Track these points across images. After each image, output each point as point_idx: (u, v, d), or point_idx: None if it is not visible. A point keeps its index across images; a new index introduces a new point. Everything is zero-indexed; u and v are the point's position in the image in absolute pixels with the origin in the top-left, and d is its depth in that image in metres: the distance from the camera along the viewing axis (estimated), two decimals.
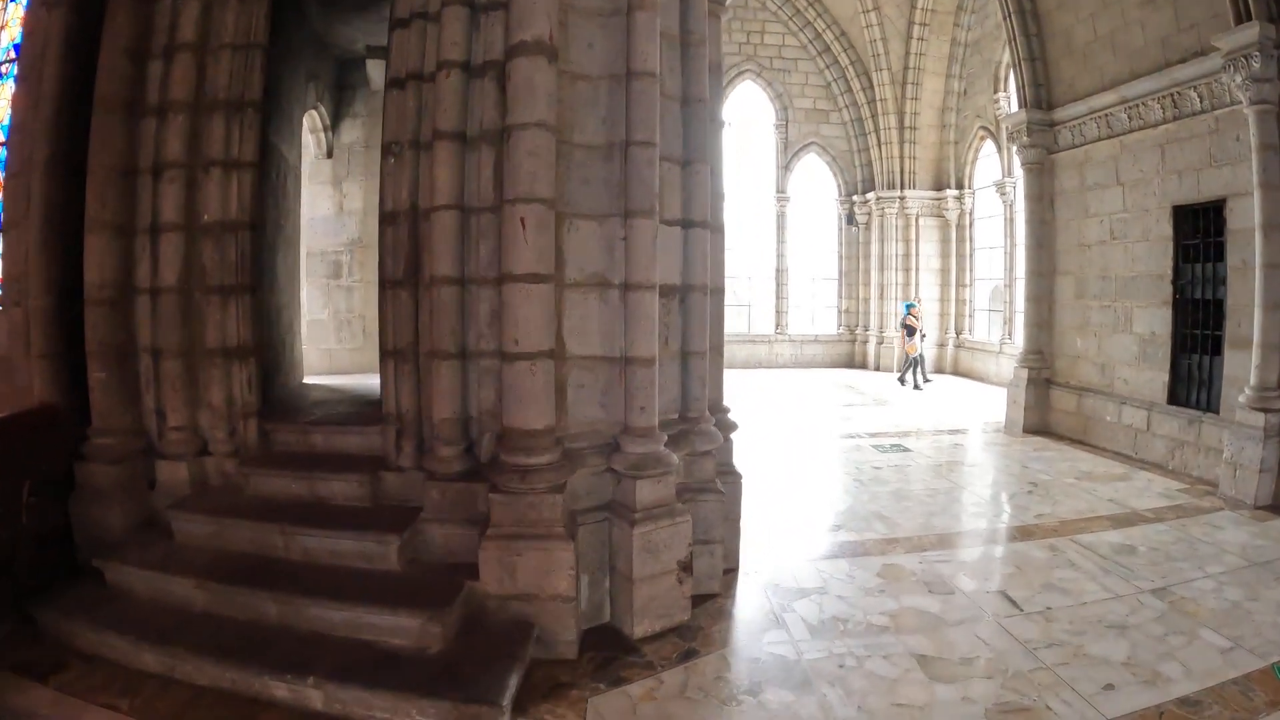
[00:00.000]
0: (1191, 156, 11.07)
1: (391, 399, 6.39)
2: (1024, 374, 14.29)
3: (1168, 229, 11.54)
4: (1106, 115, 12.56)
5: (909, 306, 21.62)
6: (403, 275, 6.21)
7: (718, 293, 7.12)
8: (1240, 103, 9.78)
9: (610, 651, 5.62)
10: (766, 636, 5.91)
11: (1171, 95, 11.20)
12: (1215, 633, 5.93)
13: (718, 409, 7.22)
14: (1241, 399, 9.77)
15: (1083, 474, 11.01)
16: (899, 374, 21.57)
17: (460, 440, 6.08)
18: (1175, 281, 11.48)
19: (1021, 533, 8.44)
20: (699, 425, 6.63)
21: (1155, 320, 11.83)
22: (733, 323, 26.01)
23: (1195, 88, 10.76)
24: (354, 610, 5.37)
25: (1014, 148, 14.93)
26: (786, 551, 7.79)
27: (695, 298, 6.58)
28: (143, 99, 6.92)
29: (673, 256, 6.43)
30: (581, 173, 5.91)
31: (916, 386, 20.39)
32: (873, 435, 13.89)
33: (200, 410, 7.06)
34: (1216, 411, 10.71)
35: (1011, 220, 21.21)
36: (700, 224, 6.56)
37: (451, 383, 5.98)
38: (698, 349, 6.61)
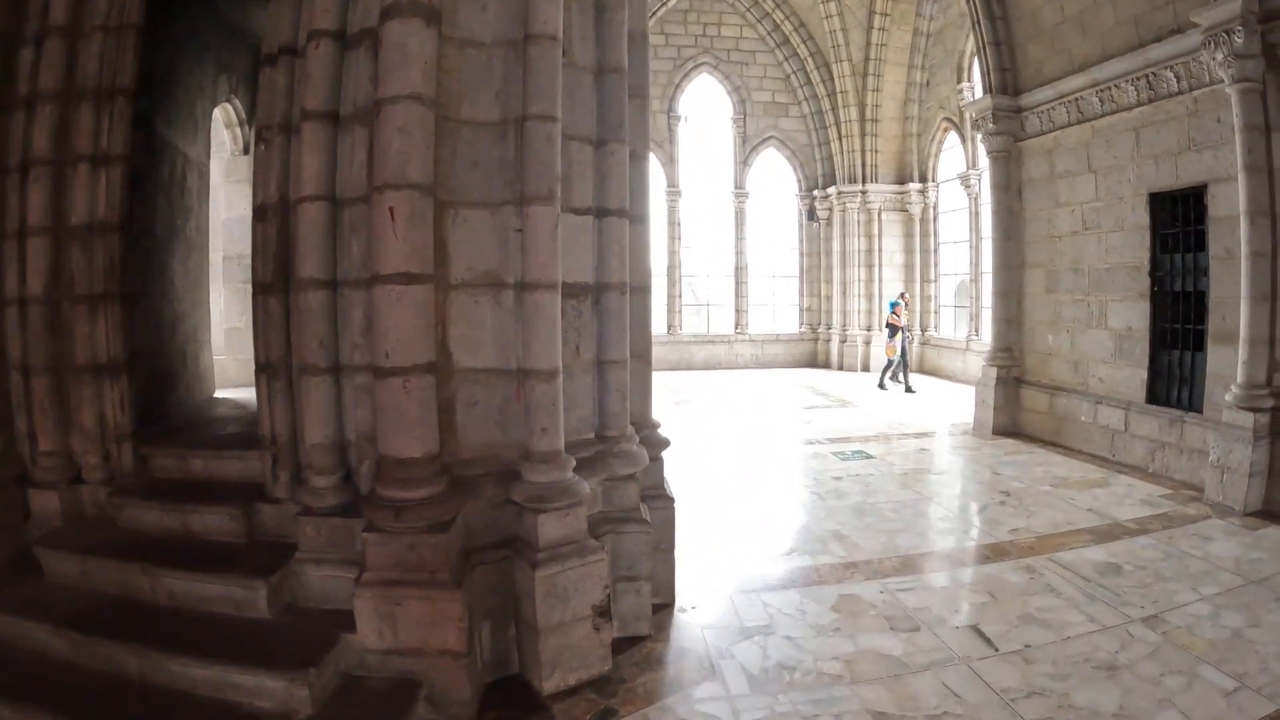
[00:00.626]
0: (1169, 140, 10.39)
1: (266, 420, 5.50)
2: (993, 373, 13.55)
3: (1144, 217, 10.85)
4: (1077, 99, 11.86)
5: (893, 304, 20.37)
6: (272, 278, 5.31)
7: (642, 292, 6.25)
8: (1221, 81, 9.10)
9: (514, 711, 4.74)
10: (699, 691, 5.00)
11: (1146, 76, 10.52)
12: (1216, 669, 5.14)
13: (645, 424, 6.36)
14: (1228, 398, 9.07)
15: (1058, 480, 10.25)
16: (881, 378, 20.46)
17: (336, 468, 5.17)
18: (1153, 273, 10.79)
19: (995, 552, 7.60)
20: (619, 445, 5.76)
21: (1132, 314, 11.12)
22: (691, 323, 25.61)
23: (1172, 67, 10.09)
24: (214, 668, 4.47)
25: (979, 136, 14.21)
26: (730, 581, 6.87)
27: (612, 298, 5.71)
28: (13, 90, 6.19)
29: (583, 251, 5.57)
30: (471, 154, 5.04)
31: (909, 390, 19.25)
32: (834, 441, 13.06)
33: (72, 433, 6.27)
34: (1200, 411, 10.03)
35: (977, 214, 20.65)
36: (617, 212, 5.69)
37: (323, 402, 5.08)
38: (615, 357, 5.74)
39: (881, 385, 19.84)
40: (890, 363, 19.99)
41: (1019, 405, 13.41)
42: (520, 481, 5.06)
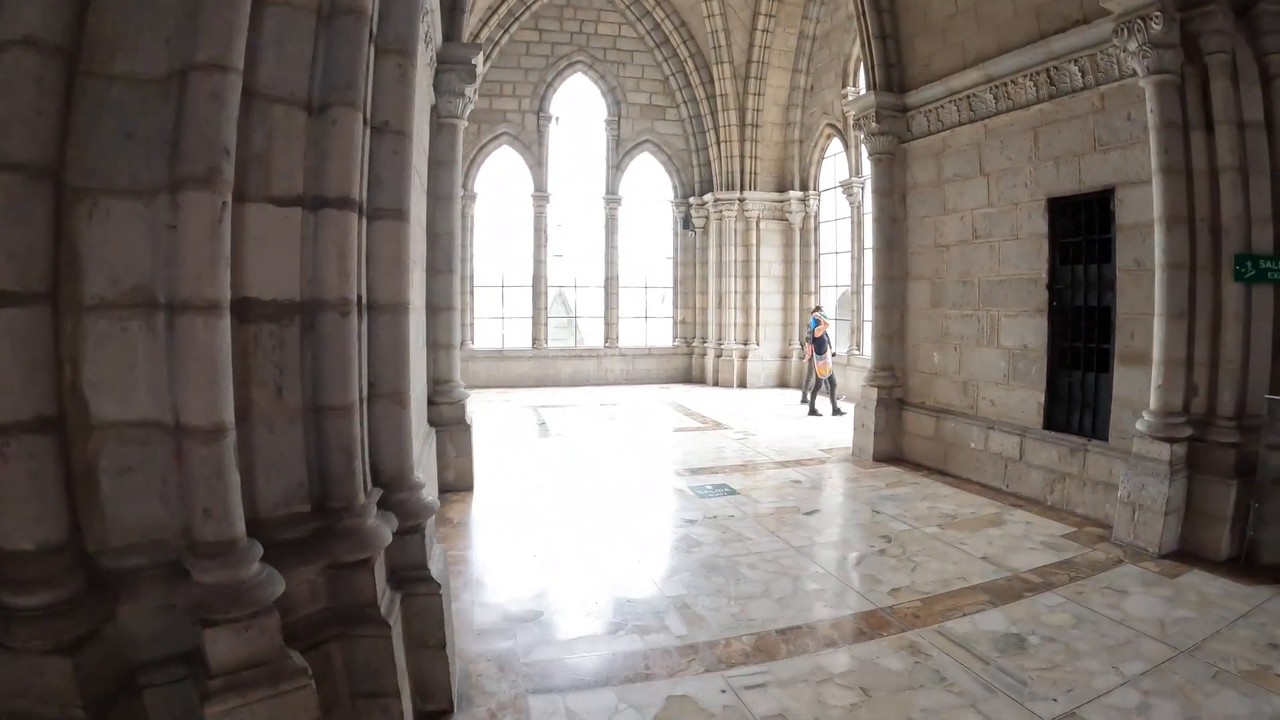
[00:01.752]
0: (1071, 140, 9.41)
1: None
2: (873, 394, 12.39)
3: (1042, 225, 9.84)
4: (969, 96, 10.81)
5: (815, 320, 18.59)
6: None
7: (394, 310, 4.80)
8: (1133, 75, 8.18)
9: None
10: None
11: (1047, 70, 9.57)
12: None
13: (402, 485, 4.81)
14: (1140, 425, 8.01)
15: (946, 518, 9.05)
16: (804, 395, 18.96)
17: None
18: (1052, 286, 9.76)
19: (872, 624, 6.22)
20: (345, 521, 4.20)
21: (1028, 331, 10.08)
22: (559, 336, 24.27)
23: (1076, 60, 9.16)
24: None
25: (861, 136, 13.03)
26: (532, 674, 5.41)
27: (329, 321, 4.14)
28: None
29: (286, 255, 4.00)
30: (124, 121, 3.47)
31: (837, 411, 17.55)
32: (695, 472, 11.68)
33: None
34: (1105, 438, 9.04)
35: (859, 223, 19.92)
36: (340, 202, 4.12)
37: None
38: (338, 401, 4.21)
39: (813, 410, 17.79)
40: (819, 382, 18.05)
41: (902, 429, 12.26)
42: (186, 581, 3.52)
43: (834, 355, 18.37)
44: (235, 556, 3.54)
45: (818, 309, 19.11)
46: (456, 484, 10.49)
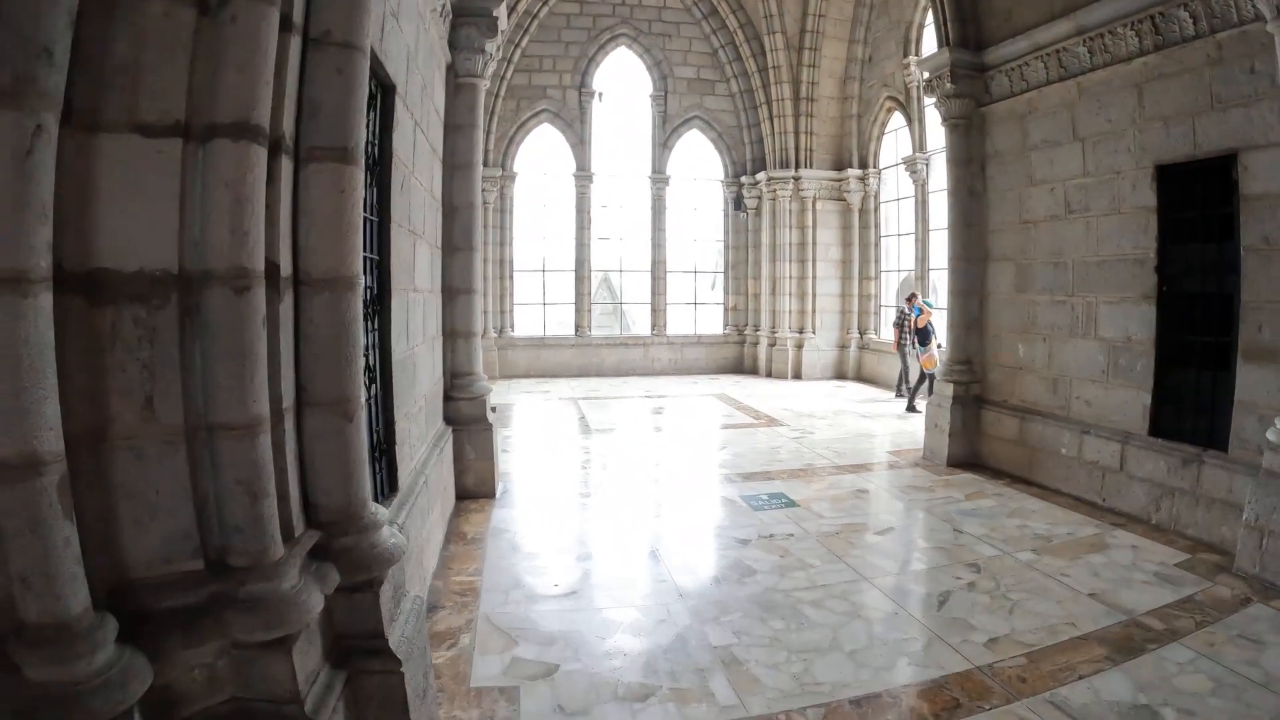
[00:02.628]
0: (1182, 98, 7.99)
1: None
2: (948, 390, 11.01)
3: (1149, 197, 8.44)
4: (1058, 51, 9.42)
5: (917, 309, 16.39)
6: None
7: (338, 287, 3.52)
8: (1256, 19, 6.89)
9: None
10: None
11: (1151, 17, 8.14)
12: None
13: (352, 522, 3.57)
14: (1272, 435, 6.62)
15: (1040, 540, 7.72)
16: (900, 390, 17.43)
17: None
18: (1161, 269, 8.35)
19: (969, 689, 4.90)
20: (252, 585, 2.94)
21: (1131, 320, 8.68)
22: (603, 323, 23.25)
23: (1186, 5, 7.73)
24: None
25: (933, 101, 11.61)
26: None
27: (219, 301, 2.90)
28: None
29: (154, 206, 2.81)
30: None
31: (912, 409, 15.93)
32: (748, 478, 10.38)
33: None
34: (1223, 449, 7.60)
35: (924, 202, 18.54)
36: (239, 130, 2.88)
37: None
38: (235, 418, 2.97)
39: (912, 407, 16.02)
40: (924, 376, 15.83)
41: (980, 431, 10.89)
42: (17, 679, 2.33)
43: (939, 346, 16.25)
44: (71, 643, 2.42)
45: (912, 296, 17.12)
46: (476, 489, 9.36)
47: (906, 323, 16.73)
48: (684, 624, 5.88)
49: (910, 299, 16.84)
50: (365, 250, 5.31)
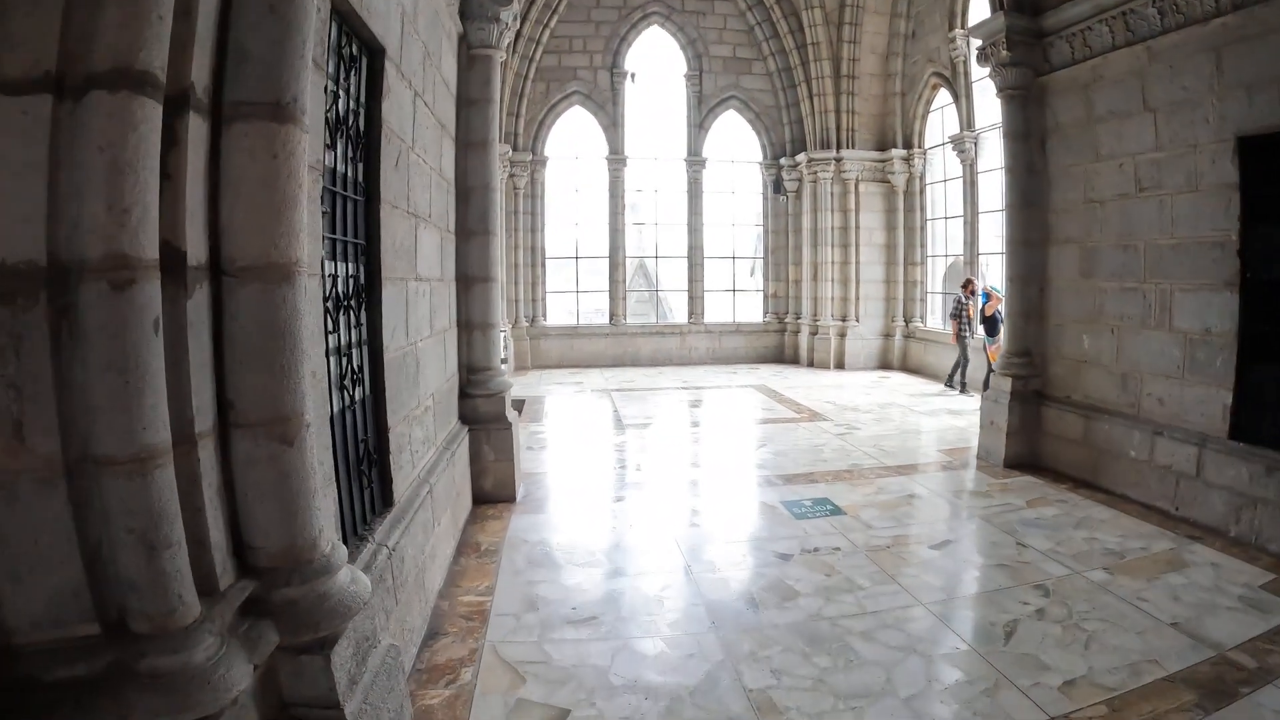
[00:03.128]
0: (1267, 61, 7.15)
1: None
2: (1005, 384, 10.17)
3: (1230, 172, 7.57)
4: (1124, 13, 8.56)
5: (985, 295, 15.44)
6: None
7: (270, 277, 2.83)
8: None
9: None
10: None
11: None
12: None
13: (294, 572, 2.89)
14: None
15: (1111, 556, 6.91)
16: (955, 381, 16.42)
17: None
18: (1244, 252, 7.48)
19: None
20: (154, 658, 2.30)
21: (1210, 311, 7.82)
22: (638, 311, 22.70)
23: None
24: None
25: (986, 71, 10.71)
26: None
27: (96, 299, 2.26)
28: None
29: (15, 180, 2.21)
30: None
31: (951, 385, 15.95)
32: (790, 480, 9.62)
33: None
34: None
35: (973, 183, 17.65)
36: (119, 78, 2.22)
37: None
38: (118, 450, 2.30)
39: (951, 384, 16.07)
40: (993, 369, 14.14)
41: (1040, 429, 10.02)
42: None
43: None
44: None
45: (968, 283, 16.02)
46: (495, 493, 8.74)
47: (965, 312, 15.73)
48: (716, 659, 5.16)
49: (967, 286, 15.87)
50: (346, 234, 4.69)
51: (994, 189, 15.96)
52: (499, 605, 6.05)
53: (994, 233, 15.82)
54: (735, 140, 22.81)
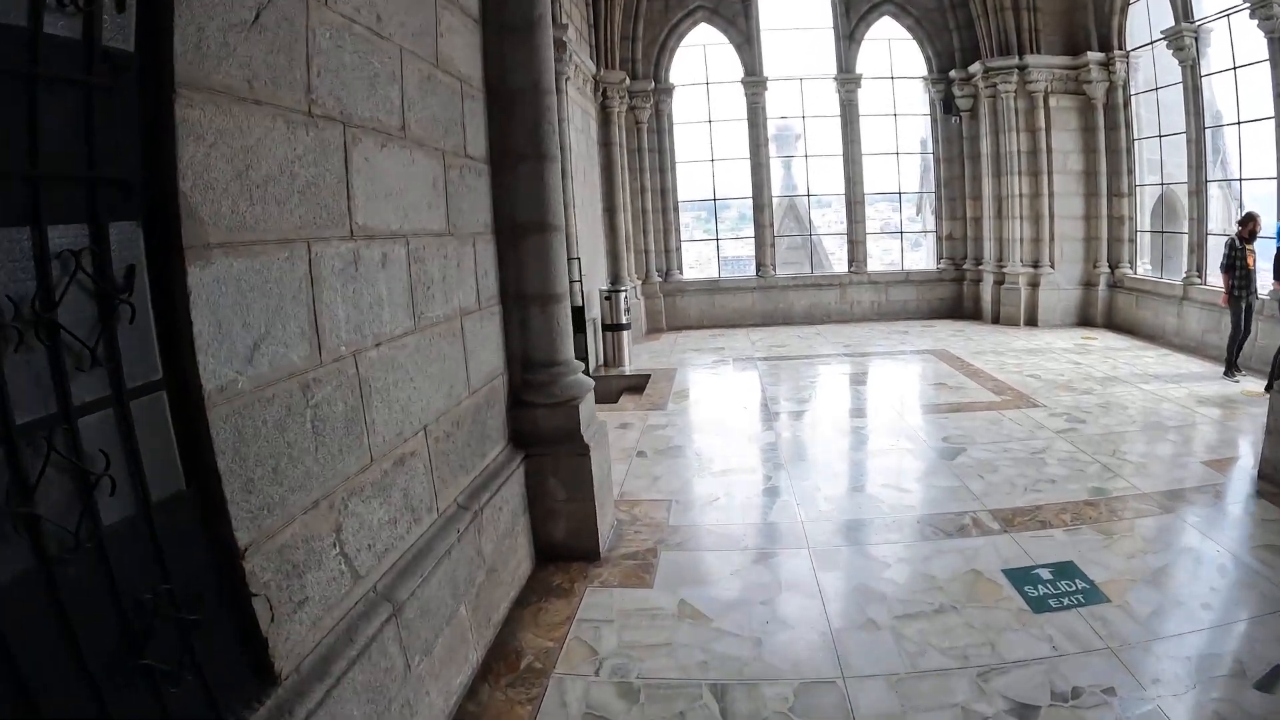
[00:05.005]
0: None
1: None
2: None
3: None
4: None
5: None
6: None
7: None
8: None
9: None
10: None
11: None
12: None
13: None
14: None
15: None
16: (1232, 355, 11.68)
17: None
18: None
19: None
20: None
21: None
22: (792, 260, 20.27)
23: None
24: None
25: None
26: None
27: None
28: None
29: None
30: None
31: (1231, 371, 11.44)
32: (1009, 523, 6.38)
33: None
34: None
35: (1195, 89, 14.21)
36: None
37: None
38: None
39: (1233, 368, 11.48)
40: None
41: None
42: None
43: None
44: None
45: (1249, 218, 11.38)
46: (569, 545, 6.05)
47: (1243, 261, 11.26)
48: None
49: (1247, 223, 11.35)
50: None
51: (1225, 94, 13.32)
52: None
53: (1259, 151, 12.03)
54: (893, 53, 19.28)
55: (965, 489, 7.23)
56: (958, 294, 19.18)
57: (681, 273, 19.31)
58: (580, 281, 12.24)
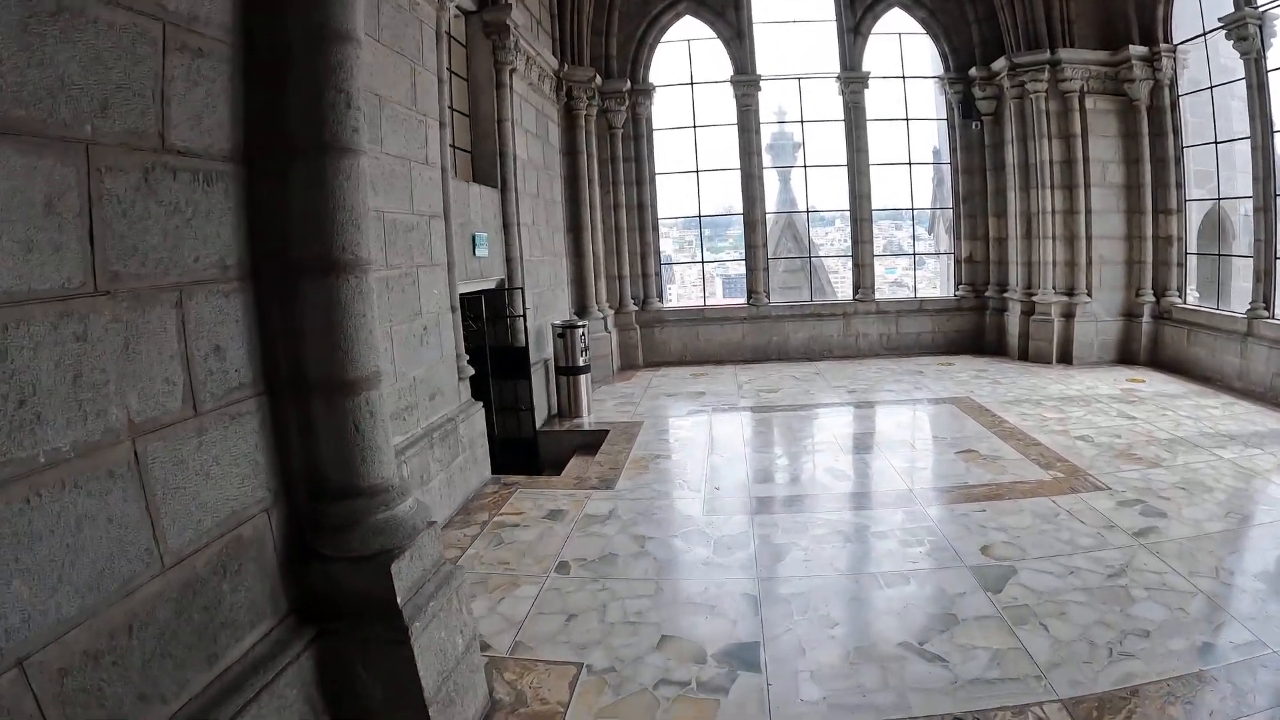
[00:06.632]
0: None
1: None
2: None
3: None
4: None
5: None
6: None
7: None
8: None
9: None
10: None
11: None
12: None
13: None
14: None
15: None
16: None
17: None
18: None
19: None
20: None
21: None
22: (788, 284, 18.45)
23: None
24: None
25: None
26: None
27: None
28: None
29: None
30: None
31: None
32: (1081, 712, 4.15)
33: None
34: None
35: (1262, 85, 12.04)
36: None
37: None
38: None
39: None
40: None
41: None
42: None
43: None
44: None
45: None
46: None
47: None
48: None
49: None
50: None
51: None
52: None
53: None
54: (904, 49, 17.43)
55: (1023, 654, 4.78)
56: (978, 325, 16.99)
57: (661, 300, 17.32)
58: (524, 317, 10.49)
